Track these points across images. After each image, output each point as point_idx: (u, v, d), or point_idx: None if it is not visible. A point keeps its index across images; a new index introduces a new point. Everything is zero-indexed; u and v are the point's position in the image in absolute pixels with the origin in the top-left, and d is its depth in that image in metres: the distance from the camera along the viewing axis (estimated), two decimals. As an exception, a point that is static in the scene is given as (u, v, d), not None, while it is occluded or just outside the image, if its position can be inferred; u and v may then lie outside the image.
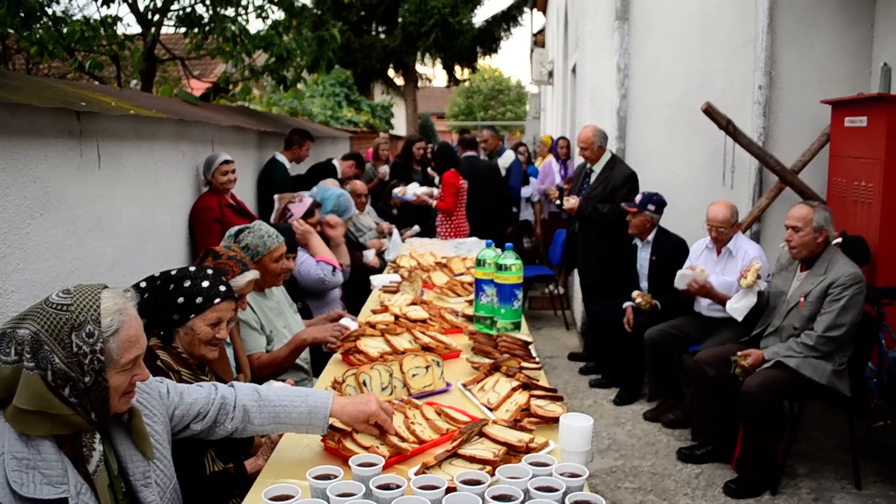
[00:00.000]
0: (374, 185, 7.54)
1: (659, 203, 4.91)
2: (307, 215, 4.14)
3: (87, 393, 1.54)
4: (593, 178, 5.39)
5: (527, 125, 28.33)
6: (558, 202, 5.53)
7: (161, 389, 1.87)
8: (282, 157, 6.19)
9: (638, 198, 4.93)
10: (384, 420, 1.98)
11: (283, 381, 2.58)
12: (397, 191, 7.22)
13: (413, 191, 7.15)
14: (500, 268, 3.16)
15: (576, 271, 6.02)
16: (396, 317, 3.29)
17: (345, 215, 4.70)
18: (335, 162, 6.99)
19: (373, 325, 3.00)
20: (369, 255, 5.29)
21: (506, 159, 7.38)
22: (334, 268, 3.92)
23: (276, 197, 4.16)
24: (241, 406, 1.97)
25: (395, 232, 6.12)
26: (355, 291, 4.59)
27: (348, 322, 3.16)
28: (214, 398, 1.97)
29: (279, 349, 2.97)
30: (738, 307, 3.94)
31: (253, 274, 2.62)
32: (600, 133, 5.35)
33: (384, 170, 7.76)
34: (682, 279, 4.19)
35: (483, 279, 3.32)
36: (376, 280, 4.36)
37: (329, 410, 1.99)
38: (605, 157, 5.38)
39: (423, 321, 3.29)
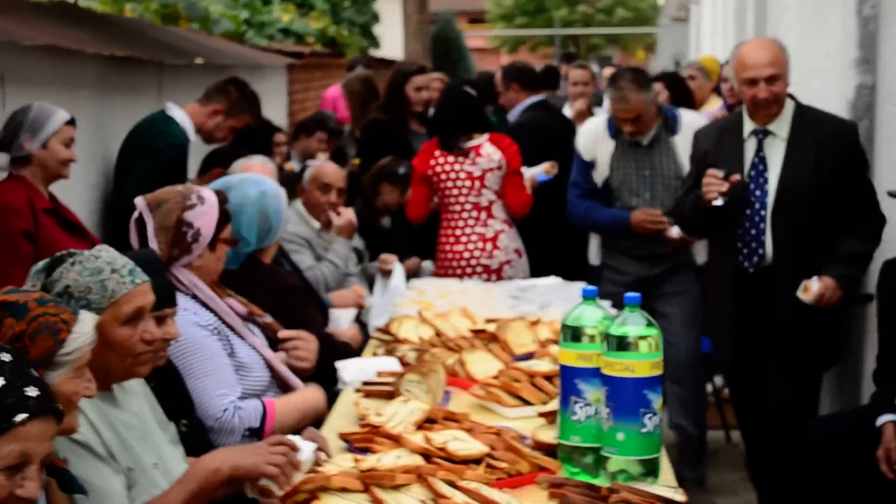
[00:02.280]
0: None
1: None
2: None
3: None
4: (773, 150, 5.42)
5: (660, 35, 28.51)
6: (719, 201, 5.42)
7: None
8: (181, 114, 6.32)
9: None
10: None
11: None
12: None
13: None
14: (616, 344, 3.18)
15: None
16: (427, 456, 3.32)
17: (272, 235, 4.73)
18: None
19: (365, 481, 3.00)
20: (341, 320, 5.30)
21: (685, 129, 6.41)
22: (265, 416, 3.97)
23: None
24: None
25: (399, 269, 6.17)
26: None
27: (302, 443, 3.18)
28: None
29: (166, 493, 2.99)
30: None
31: (92, 318, 2.67)
32: (785, 47, 5.43)
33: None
34: None
35: (577, 368, 3.33)
36: (348, 371, 4.37)
37: None
38: (788, 107, 5.45)
39: (480, 461, 3.32)
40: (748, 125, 5.44)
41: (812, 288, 5.17)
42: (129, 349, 3.08)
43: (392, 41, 21.97)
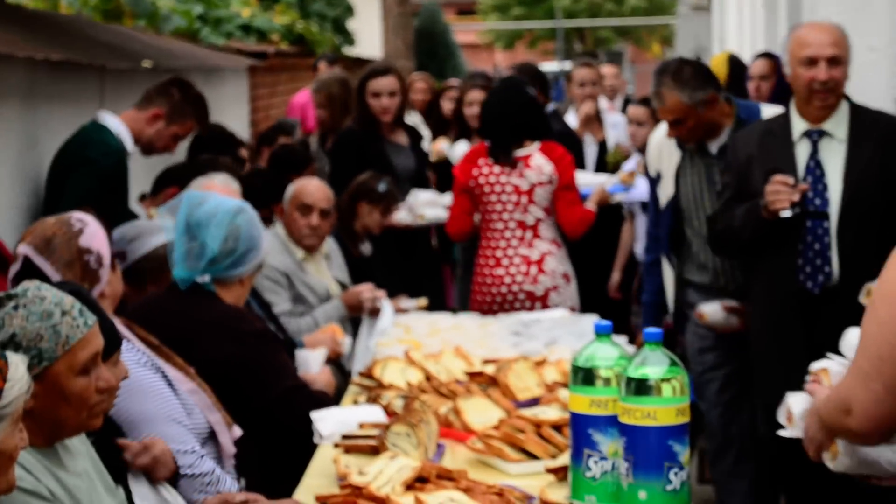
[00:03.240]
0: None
1: None
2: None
3: None
4: (830, 154, 5.43)
5: (678, 26, 28.58)
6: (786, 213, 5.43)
7: None
8: (115, 122, 6.32)
9: None
10: None
11: None
12: (422, 212, 7.35)
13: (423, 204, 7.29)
14: (635, 388, 3.19)
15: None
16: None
17: (236, 261, 4.76)
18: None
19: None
20: (310, 363, 5.28)
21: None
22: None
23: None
24: None
25: (388, 308, 6.23)
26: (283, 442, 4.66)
27: None
28: None
29: None
30: None
31: (21, 360, 2.63)
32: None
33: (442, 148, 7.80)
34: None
35: (590, 416, 3.34)
36: (326, 424, 4.39)
37: None
38: (843, 105, 5.47)
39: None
40: (798, 125, 5.44)
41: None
42: (86, 401, 3.07)
43: (369, 37, 22.00)
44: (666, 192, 6.23)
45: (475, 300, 6.92)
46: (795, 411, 3.60)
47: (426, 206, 7.43)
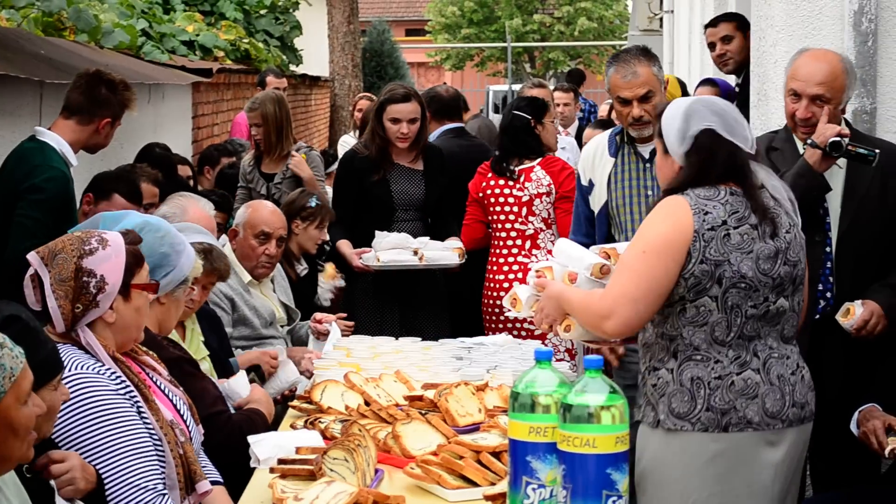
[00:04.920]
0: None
1: None
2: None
3: None
4: (830, 181, 5.38)
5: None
6: None
7: None
8: (54, 137, 6.25)
9: None
10: None
11: None
12: (378, 255, 7.26)
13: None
14: (574, 416, 3.20)
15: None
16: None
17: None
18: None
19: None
20: (237, 389, 5.17)
21: None
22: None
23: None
24: None
25: (336, 332, 6.26)
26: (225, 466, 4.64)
27: None
28: None
29: None
30: None
31: None
32: (851, 67, 5.45)
33: None
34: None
35: (529, 443, 3.35)
36: (262, 447, 4.39)
37: None
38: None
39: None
40: (799, 145, 5.40)
41: (855, 311, 5.18)
42: (29, 430, 3.05)
43: (316, 55, 21.95)
44: (599, 199, 6.15)
45: (484, 301, 7.44)
46: (522, 298, 4.57)
47: (387, 249, 7.35)
